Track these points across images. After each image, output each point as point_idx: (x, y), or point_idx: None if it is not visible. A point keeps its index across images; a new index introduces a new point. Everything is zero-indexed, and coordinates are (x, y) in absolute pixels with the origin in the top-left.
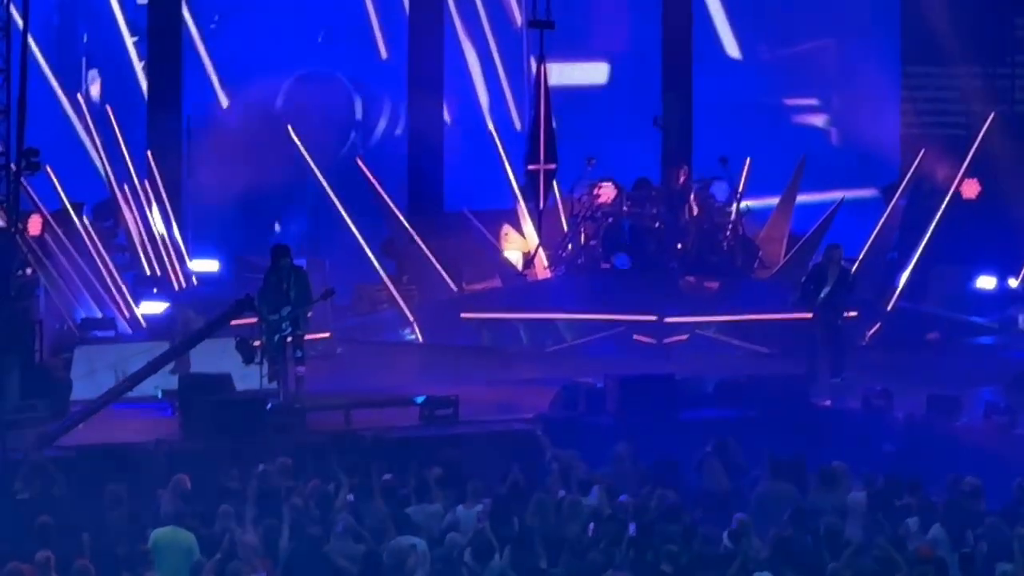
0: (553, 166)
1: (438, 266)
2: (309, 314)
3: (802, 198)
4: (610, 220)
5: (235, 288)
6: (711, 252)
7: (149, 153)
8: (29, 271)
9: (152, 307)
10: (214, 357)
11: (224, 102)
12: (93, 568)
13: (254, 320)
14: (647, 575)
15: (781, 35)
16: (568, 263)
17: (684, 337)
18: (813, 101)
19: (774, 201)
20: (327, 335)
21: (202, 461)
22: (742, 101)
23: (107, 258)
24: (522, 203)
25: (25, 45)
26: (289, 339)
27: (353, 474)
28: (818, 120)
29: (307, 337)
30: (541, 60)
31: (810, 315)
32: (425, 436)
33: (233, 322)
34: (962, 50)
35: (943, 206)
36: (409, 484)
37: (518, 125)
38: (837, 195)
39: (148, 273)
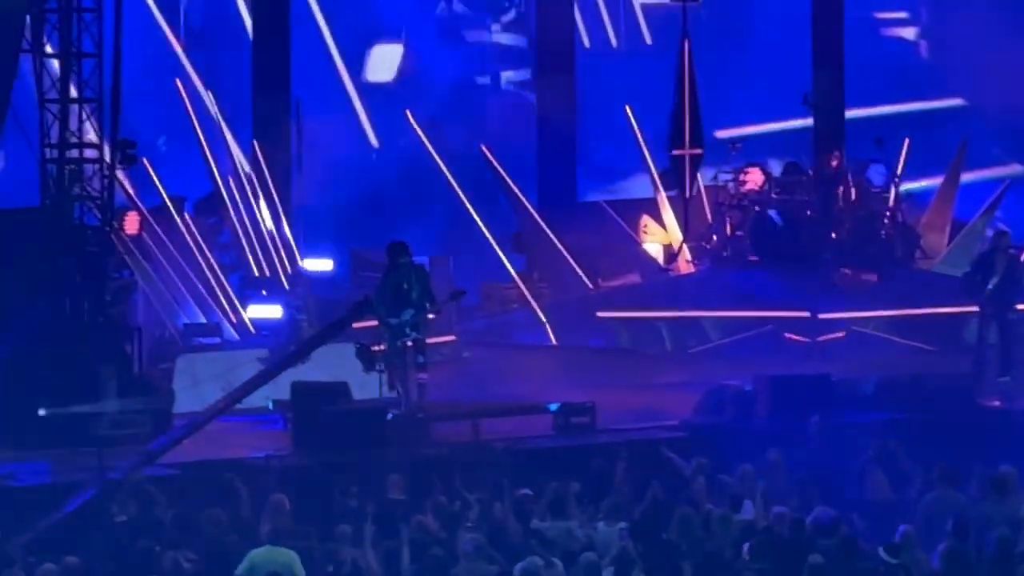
0: (699, 151)
1: (572, 262)
2: (432, 316)
3: (967, 177)
4: (757, 209)
5: (352, 289)
6: (868, 241)
7: (255, 142)
8: (126, 273)
9: (261, 311)
10: (332, 364)
11: (347, 81)
12: None
13: (374, 323)
14: None
15: None
16: (713, 256)
17: (840, 334)
18: None
19: (936, 182)
20: (452, 338)
21: (316, 477)
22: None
23: (211, 258)
24: (662, 192)
25: (119, 29)
26: (411, 344)
27: (482, 489)
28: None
29: (430, 341)
30: (685, 37)
31: (977, 309)
32: (560, 446)
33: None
34: None
35: None
36: (543, 498)
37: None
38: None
39: (256, 273)
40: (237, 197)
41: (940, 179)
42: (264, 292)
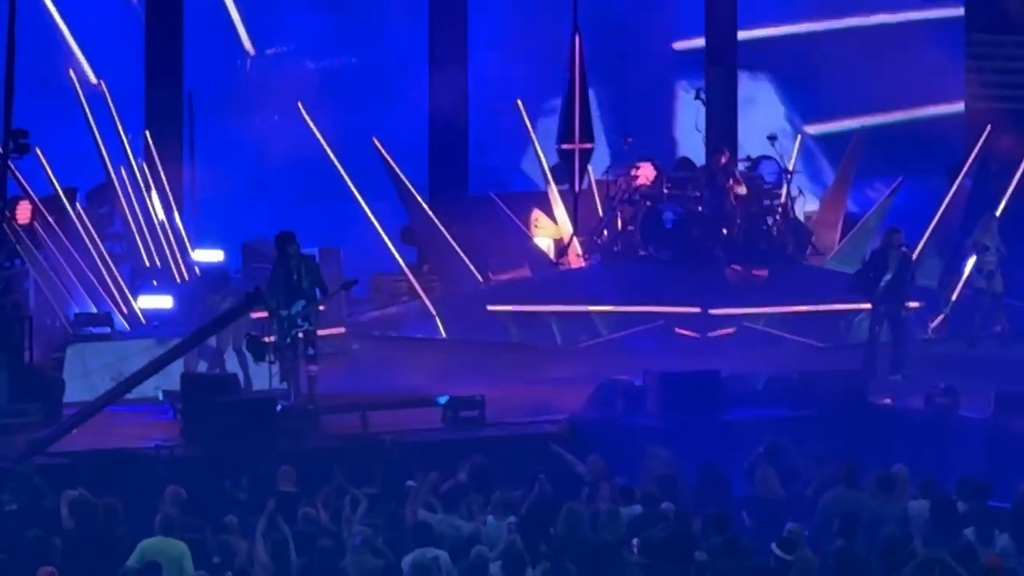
0: (590, 146)
1: (462, 255)
2: (321, 308)
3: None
4: (649, 204)
5: (243, 280)
6: (759, 238)
7: (147, 132)
8: (18, 262)
9: (152, 301)
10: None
11: (249, 48)
12: None
13: (264, 315)
14: None
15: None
16: (604, 251)
17: (731, 330)
18: None
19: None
20: (342, 330)
21: (206, 468)
22: None
23: (102, 248)
24: (553, 186)
25: (12, 18)
26: (301, 335)
27: (370, 482)
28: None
29: (321, 333)
30: (576, 30)
31: (868, 305)
32: (449, 439)
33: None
34: None
35: (1012, 186)
36: (432, 491)
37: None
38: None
39: (147, 264)
40: (128, 188)
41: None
42: (155, 283)
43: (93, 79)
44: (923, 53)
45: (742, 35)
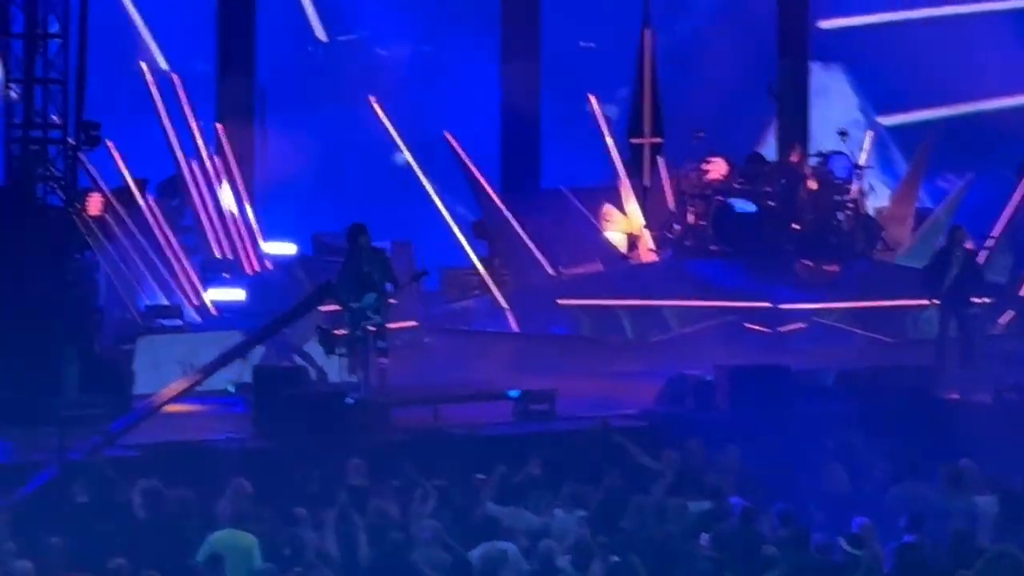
0: (659, 140)
1: (534, 248)
2: (393, 301)
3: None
4: (720, 199)
5: (314, 272)
6: (830, 233)
7: (218, 125)
8: (89, 254)
9: (222, 293)
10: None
11: (321, 35)
12: None
13: (336, 308)
14: None
15: None
16: (675, 245)
17: (801, 325)
18: None
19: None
20: (413, 324)
21: (276, 461)
22: None
23: (173, 240)
24: (625, 180)
25: (85, 9)
26: (373, 328)
27: (441, 475)
28: None
29: (391, 326)
30: (646, 24)
31: (936, 302)
32: (520, 433)
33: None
34: None
35: None
36: (502, 485)
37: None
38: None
39: (218, 256)
40: (199, 179)
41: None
42: (225, 275)
43: (164, 67)
44: (1000, 44)
45: (823, 25)
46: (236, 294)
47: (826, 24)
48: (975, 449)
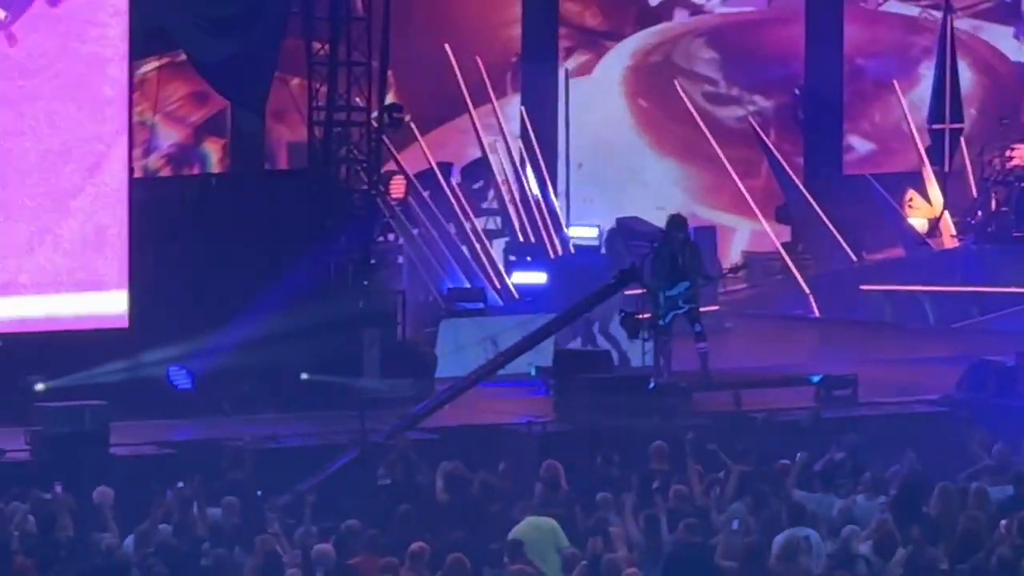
0: (961, 125)
1: (836, 234)
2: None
3: None
4: (1023, 185)
5: (618, 257)
6: None
7: (522, 108)
8: (392, 237)
9: (526, 277)
10: None
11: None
12: (468, 563)
13: (640, 291)
14: None
15: None
16: (977, 231)
17: None
18: None
19: None
20: (715, 308)
21: (578, 444)
22: None
23: (476, 223)
24: (927, 165)
25: None
26: (685, 314)
27: (742, 460)
28: None
29: None
30: (947, 9)
31: None
32: (821, 418)
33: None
34: None
35: None
36: (804, 470)
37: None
38: None
39: (521, 240)
40: (504, 163)
41: None
42: (529, 259)
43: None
44: None
45: None
46: (538, 277)
47: None
48: None
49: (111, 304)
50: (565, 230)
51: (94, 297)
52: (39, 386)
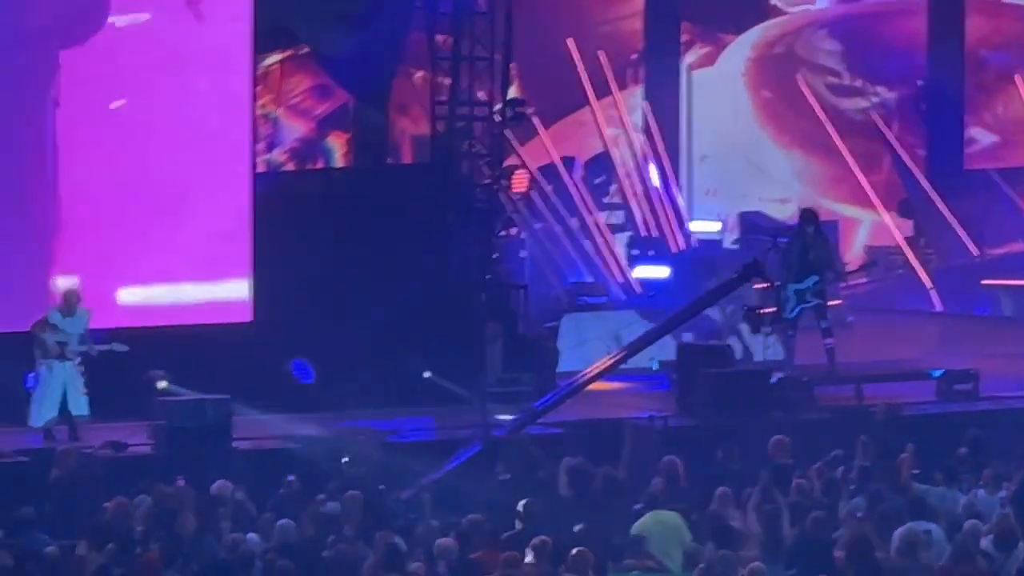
0: None
1: (958, 228)
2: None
3: None
4: None
5: (741, 251)
6: None
7: (645, 103)
8: (514, 231)
9: (648, 271)
10: None
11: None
12: (592, 557)
13: (764, 285)
14: None
15: None
16: None
17: None
18: None
19: None
20: (838, 302)
21: (700, 438)
22: None
23: (598, 217)
24: None
25: None
26: (812, 308)
27: (864, 454)
28: None
29: None
30: None
31: None
32: (943, 413)
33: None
34: None
35: None
36: (925, 464)
37: None
38: None
39: (644, 234)
40: (626, 157)
41: None
42: (651, 252)
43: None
44: None
45: None
46: (661, 271)
47: None
48: None
49: (234, 298)
50: (687, 224)
51: (218, 290)
52: (161, 384)
